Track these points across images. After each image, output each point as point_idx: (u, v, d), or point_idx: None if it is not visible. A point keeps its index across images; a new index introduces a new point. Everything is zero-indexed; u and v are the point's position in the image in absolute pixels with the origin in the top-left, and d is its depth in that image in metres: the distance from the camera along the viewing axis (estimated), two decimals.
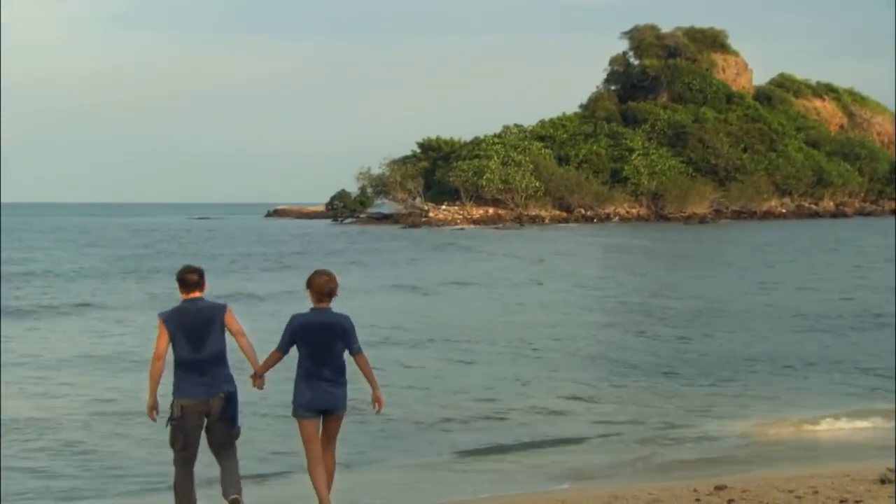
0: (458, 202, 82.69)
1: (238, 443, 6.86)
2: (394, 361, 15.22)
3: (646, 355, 16.50)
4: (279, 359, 6.69)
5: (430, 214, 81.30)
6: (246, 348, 6.69)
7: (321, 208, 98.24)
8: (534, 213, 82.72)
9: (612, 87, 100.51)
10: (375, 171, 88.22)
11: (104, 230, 78.12)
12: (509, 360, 16.01)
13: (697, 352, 16.87)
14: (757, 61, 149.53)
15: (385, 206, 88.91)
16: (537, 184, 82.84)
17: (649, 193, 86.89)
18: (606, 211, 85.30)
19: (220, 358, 6.65)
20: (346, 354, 6.70)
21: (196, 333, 6.58)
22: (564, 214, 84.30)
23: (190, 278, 6.74)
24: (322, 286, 6.66)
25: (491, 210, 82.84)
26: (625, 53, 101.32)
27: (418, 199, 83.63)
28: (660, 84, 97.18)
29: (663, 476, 9.21)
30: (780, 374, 14.79)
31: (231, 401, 6.68)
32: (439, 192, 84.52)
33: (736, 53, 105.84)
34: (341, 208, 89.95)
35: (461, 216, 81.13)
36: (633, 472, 9.57)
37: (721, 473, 8.89)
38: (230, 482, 6.74)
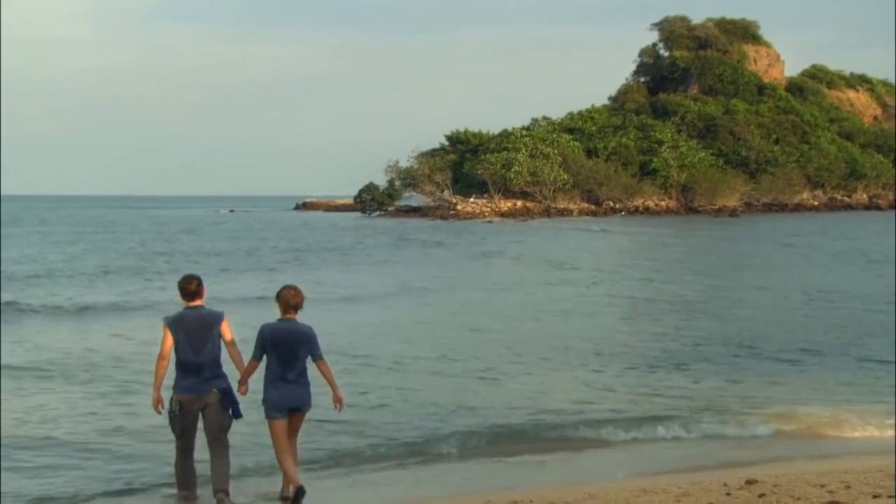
0: (486, 195, 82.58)
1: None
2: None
3: (670, 348, 16.39)
4: (256, 367, 7.48)
5: (458, 207, 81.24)
6: (235, 357, 7.47)
7: (350, 201, 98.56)
8: (562, 206, 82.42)
9: (642, 79, 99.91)
10: (404, 163, 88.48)
11: (160, 224, 78.41)
12: (540, 353, 15.98)
13: (725, 344, 16.73)
14: (789, 52, 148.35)
15: (413, 198, 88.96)
16: (566, 176, 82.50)
17: (679, 186, 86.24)
18: (635, 203, 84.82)
19: (216, 360, 7.42)
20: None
21: (196, 338, 7.32)
22: (593, 207, 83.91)
23: (189, 287, 7.46)
24: (289, 299, 7.49)
25: (519, 203, 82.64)
26: (655, 45, 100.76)
27: (446, 192, 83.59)
28: (690, 76, 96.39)
29: (693, 469, 9.16)
30: (812, 366, 14.64)
31: (226, 395, 7.43)
32: (467, 184, 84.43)
33: (768, 44, 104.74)
34: (369, 201, 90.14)
35: (489, 209, 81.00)
36: (662, 465, 9.52)
37: (752, 467, 8.83)
38: (219, 475, 7.41)
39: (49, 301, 22.48)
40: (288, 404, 7.40)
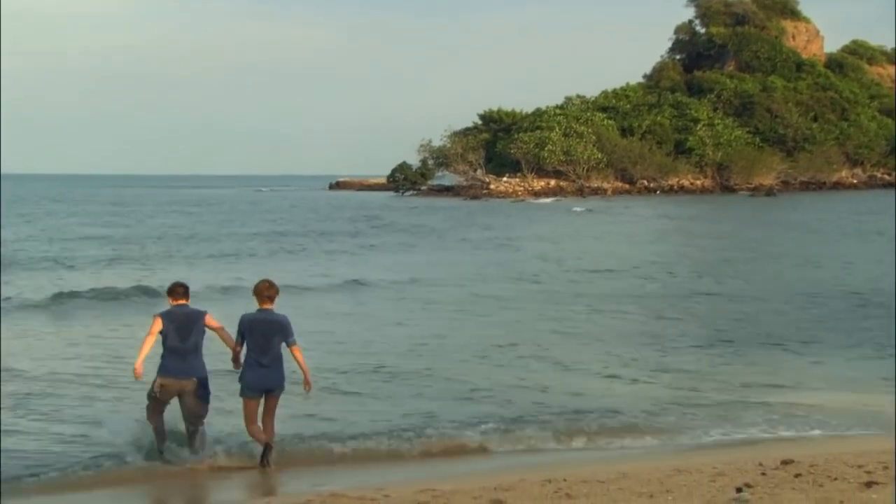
0: (519, 174, 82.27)
1: None
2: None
3: (704, 328, 16.27)
4: (240, 350, 8.46)
5: (491, 186, 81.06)
6: (225, 338, 8.63)
7: (383, 180, 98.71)
8: (595, 185, 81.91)
9: (678, 57, 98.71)
10: (437, 143, 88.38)
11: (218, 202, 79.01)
12: (577, 335, 15.94)
13: (757, 324, 16.59)
14: (829, 27, 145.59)
15: (446, 178, 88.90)
16: (599, 155, 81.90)
17: (714, 164, 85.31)
18: (670, 183, 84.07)
19: (197, 349, 8.53)
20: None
21: (183, 329, 8.49)
22: (627, 186, 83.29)
23: (178, 291, 8.81)
24: (263, 291, 8.41)
25: (552, 182, 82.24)
26: (691, 21, 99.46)
27: (479, 171, 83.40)
28: (727, 52, 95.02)
29: (727, 449, 9.10)
30: (848, 347, 14.46)
31: (203, 385, 8.52)
32: (500, 163, 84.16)
33: (807, 20, 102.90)
34: (402, 180, 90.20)
35: (522, 188, 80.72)
36: (696, 444, 9.47)
37: (788, 447, 8.76)
38: (194, 443, 8.63)
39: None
40: (262, 386, 8.29)
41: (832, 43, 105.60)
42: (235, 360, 8.49)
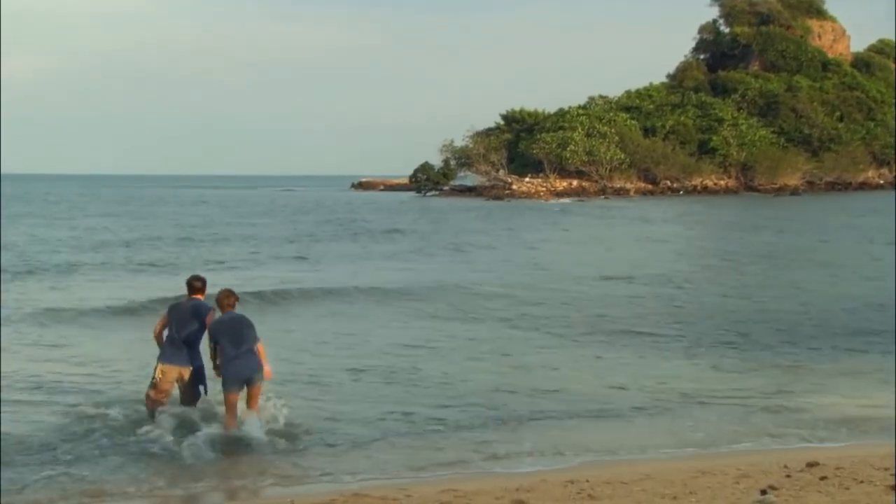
0: (541, 174, 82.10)
1: None
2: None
3: (731, 329, 16.15)
4: (218, 353, 9.06)
5: (514, 187, 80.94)
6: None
7: (405, 181, 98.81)
8: (618, 186, 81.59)
9: (701, 56, 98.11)
10: (459, 143, 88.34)
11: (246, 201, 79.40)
12: (604, 333, 15.89)
13: (785, 325, 16.44)
14: (855, 27, 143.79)
15: (468, 178, 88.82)
16: (622, 155, 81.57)
17: (738, 165, 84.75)
18: (693, 183, 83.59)
19: (194, 342, 9.29)
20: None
21: (182, 322, 9.28)
22: (650, 186, 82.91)
23: (195, 285, 9.49)
24: (223, 300, 9.21)
25: (575, 182, 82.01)
26: (715, 21, 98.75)
27: (501, 172, 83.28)
28: (751, 52, 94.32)
29: (752, 451, 9.03)
30: (873, 348, 14.31)
31: (198, 373, 9.33)
32: (522, 164, 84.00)
33: (833, 19, 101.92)
34: (424, 181, 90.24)
35: (544, 189, 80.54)
36: (720, 445, 9.41)
37: (813, 449, 8.68)
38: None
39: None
40: (241, 375, 8.94)
41: (858, 42, 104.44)
42: (216, 368, 9.16)
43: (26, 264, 25.55)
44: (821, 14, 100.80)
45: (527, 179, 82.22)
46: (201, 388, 9.48)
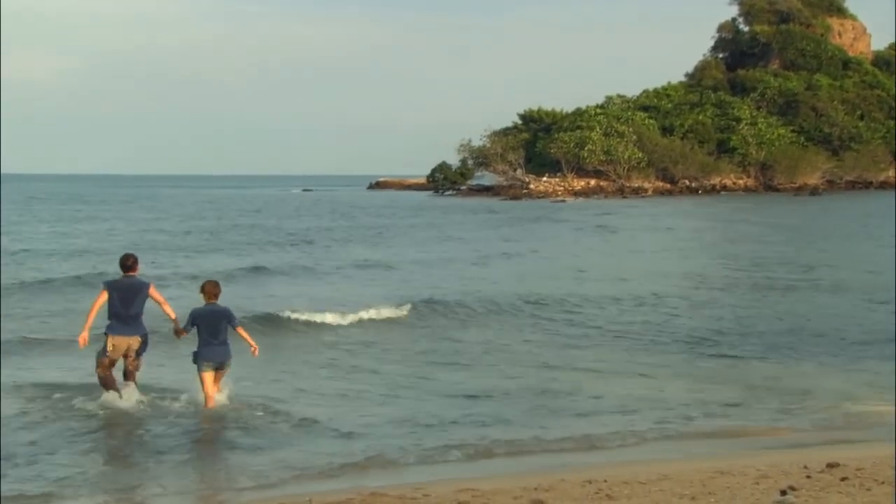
0: (559, 174, 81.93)
1: None
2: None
3: (753, 330, 16.07)
4: (185, 334, 10.30)
5: (531, 186, 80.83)
6: (168, 311, 10.38)
7: (422, 180, 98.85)
8: (636, 185, 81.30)
9: (720, 55, 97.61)
10: (476, 142, 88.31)
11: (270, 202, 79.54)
12: (625, 336, 15.85)
13: (806, 326, 16.34)
14: (876, 25, 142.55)
15: (485, 177, 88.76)
16: (640, 155, 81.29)
17: (757, 164, 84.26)
18: (712, 182, 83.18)
19: (139, 314, 10.30)
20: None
21: (126, 298, 10.21)
22: (668, 186, 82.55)
23: (127, 262, 10.41)
24: (210, 290, 10.31)
25: (592, 182, 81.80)
26: (734, 20, 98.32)
27: (519, 171, 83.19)
28: (771, 51, 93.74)
29: (771, 451, 8.98)
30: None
31: (144, 341, 10.37)
32: (540, 163, 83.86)
33: (853, 17, 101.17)
34: (442, 180, 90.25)
35: (562, 188, 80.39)
36: (738, 446, 9.36)
37: (833, 450, 8.61)
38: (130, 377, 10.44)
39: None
40: (216, 360, 10.16)
41: (879, 40, 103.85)
42: (176, 331, 10.37)
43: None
44: (841, 12, 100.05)
45: (544, 179, 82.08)
46: (143, 357, 10.51)
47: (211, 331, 10.15)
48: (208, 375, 10.18)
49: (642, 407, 10.71)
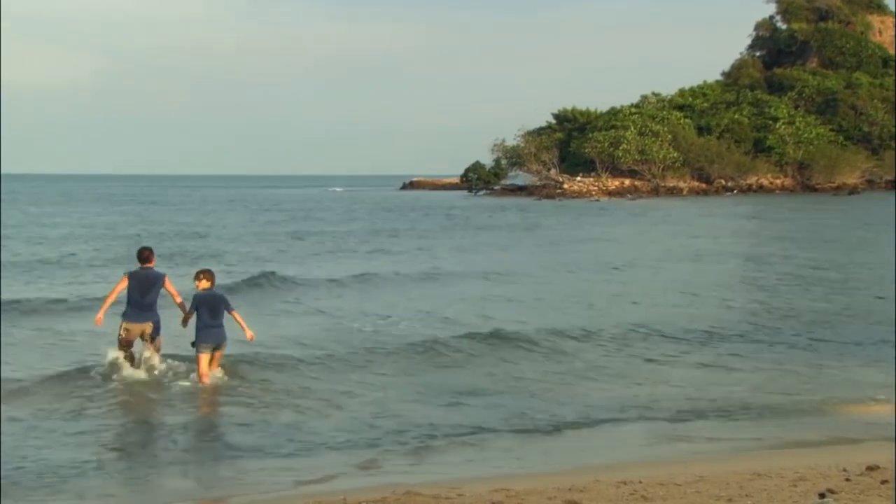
0: (593, 173, 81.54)
1: None
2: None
3: (787, 327, 15.89)
4: (191, 317, 11.22)
5: (565, 186, 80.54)
6: (179, 303, 11.47)
7: (456, 180, 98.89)
8: (671, 185, 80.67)
9: (757, 54, 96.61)
10: (510, 142, 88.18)
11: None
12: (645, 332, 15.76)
13: (844, 326, 16.12)
14: None
15: (519, 177, 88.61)
16: (675, 154, 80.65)
17: (795, 163, 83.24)
18: (748, 182, 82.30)
19: (154, 303, 11.44)
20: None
21: (143, 287, 11.35)
22: (703, 186, 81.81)
23: (143, 254, 11.55)
24: (208, 277, 11.34)
25: (627, 181, 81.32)
26: (772, 18, 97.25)
27: (553, 171, 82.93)
28: (809, 49, 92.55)
29: (810, 453, 8.87)
30: None
31: (156, 327, 11.46)
32: (574, 163, 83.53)
33: (893, 14, 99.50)
34: (476, 180, 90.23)
35: (596, 188, 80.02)
36: (776, 448, 9.25)
37: (873, 452, 8.48)
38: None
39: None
40: (213, 341, 11.15)
41: None
42: (185, 321, 11.23)
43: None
44: (881, 10, 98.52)
45: (578, 178, 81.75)
46: (160, 336, 11.60)
47: (211, 313, 11.12)
48: (206, 356, 11.15)
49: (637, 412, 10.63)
